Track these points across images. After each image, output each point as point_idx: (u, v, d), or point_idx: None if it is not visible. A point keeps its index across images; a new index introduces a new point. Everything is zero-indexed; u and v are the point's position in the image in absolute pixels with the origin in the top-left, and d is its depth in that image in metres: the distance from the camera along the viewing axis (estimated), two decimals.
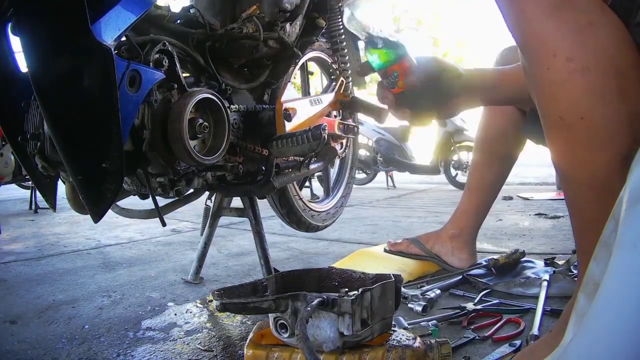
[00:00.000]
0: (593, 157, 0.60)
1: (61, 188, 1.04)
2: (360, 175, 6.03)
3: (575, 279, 1.10)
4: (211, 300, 1.26)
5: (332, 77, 1.58)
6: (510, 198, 3.68)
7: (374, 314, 0.68)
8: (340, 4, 1.46)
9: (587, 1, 0.58)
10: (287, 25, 1.27)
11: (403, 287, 1.16)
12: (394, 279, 0.74)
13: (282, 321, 0.68)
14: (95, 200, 0.83)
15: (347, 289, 0.68)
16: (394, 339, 0.70)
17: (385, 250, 1.53)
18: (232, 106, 1.12)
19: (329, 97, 1.46)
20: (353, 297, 0.65)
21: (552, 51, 0.59)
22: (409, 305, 1.12)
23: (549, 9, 0.59)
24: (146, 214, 1.13)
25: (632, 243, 0.36)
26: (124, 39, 0.87)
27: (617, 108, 0.57)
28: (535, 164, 6.88)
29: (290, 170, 1.29)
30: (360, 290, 0.67)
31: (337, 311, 0.65)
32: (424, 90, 0.89)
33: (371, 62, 0.91)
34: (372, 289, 0.68)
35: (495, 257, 1.34)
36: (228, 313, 1.12)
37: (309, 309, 0.62)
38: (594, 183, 0.61)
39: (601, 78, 0.57)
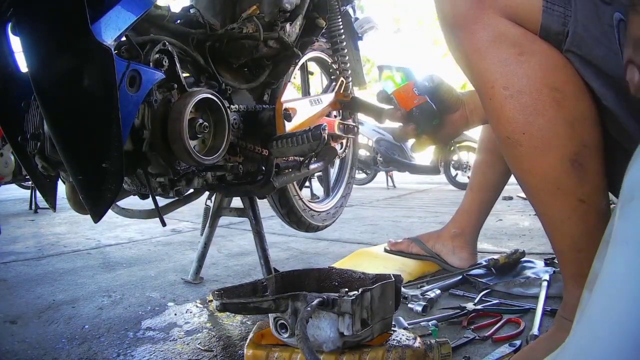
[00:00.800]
0: (541, 164, 0.69)
1: (61, 188, 1.04)
2: (360, 175, 6.03)
3: None
4: (211, 300, 1.26)
5: (332, 77, 1.58)
6: (511, 198, 3.69)
7: (374, 314, 0.68)
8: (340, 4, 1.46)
9: (516, 36, 0.67)
10: (287, 25, 1.27)
11: (403, 287, 1.16)
12: (394, 279, 0.74)
13: (282, 321, 0.68)
14: (95, 200, 0.83)
15: (347, 289, 0.68)
16: (394, 339, 0.70)
17: (386, 250, 1.53)
18: (232, 106, 1.12)
19: (329, 97, 1.46)
20: (353, 297, 0.65)
21: (490, 84, 0.69)
22: (409, 305, 1.12)
23: (483, 48, 0.68)
24: (146, 214, 1.13)
25: (625, 239, 0.36)
26: (124, 39, 0.87)
27: (553, 118, 0.66)
28: None
29: (290, 170, 1.29)
30: (360, 290, 0.67)
31: (337, 311, 0.65)
32: (427, 106, 0.97)
33: (385, 87, 1.01)
34: (372, 289, 0.68)
35: (495, 257, 1.34)
36: (228, 313, 1.12)
37: (309, 309, 0.62)
38: (547, 187, 0.70)
39: (535, 97, 0.66)
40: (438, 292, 1.18)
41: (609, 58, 0.61)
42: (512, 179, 1.41)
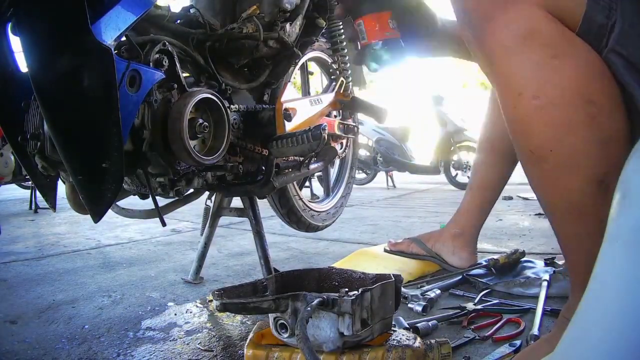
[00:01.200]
0: (565, 184, 0.62)
1: (61, 188, 1.04)
2: (360, 175, 6.03)
3: None
4: (211, 300, 1.26)
5: (332, 77, 1.58)
6: (510, 198, 3.69)
7: (374, 314, 0.68)
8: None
9: (551, 34, 0.58)
10: (287, 25, 1.27)
11: (403, 287, 1.16)
12: (394, 279, 0.74)
13: (282, 321, 0.68)
14: (95, 200, 0.83)
15: (347, 289, 0.68)
16: (394, 339, 0.70)
17: (386, 250, 1.53)
18: (232, 106, 1.11)
19: (329, 97, 1.46)
20: (353, 297, 0.65)
21: (517, 90, 0.60)
22: (409, 305, 1.12)
23: (512, 46, 0.59)
24: (146, 214, 1.13)
25: (616, 237, 0.36)
26: (124, 39, 0.87)
27: (586, 136, 0.58)
28: None
29: (290, 170, 1.29)
30: (360, 290, 0.67)
31: (337, 311, 0.65)
32: (396, 45, 0.87)
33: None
34: (372, 289, 0.68)
35: (495, 257, 1.34)
36: (228, 313, 1.12)
37: (309, 309, 0.62)
38: (569, 207, 0.64)
39: (568, 111, 0.58)
40: (438, 292, 1.18)
41: None
42: (511, 179, 1.42)
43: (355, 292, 0.67)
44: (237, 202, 1.35)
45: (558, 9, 0.58)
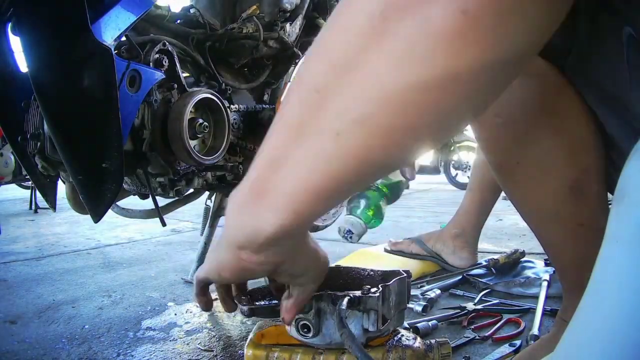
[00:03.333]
0: (536, 192, 0.65)
1: (61, 188, 1.04)
2: None
3: None
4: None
5: None
6: None
7: (392, 308, 0.68)
8: None
9: None
10: (287, 25, 1.27)
11: None
12: (405, 275, 0.75)
13: (304, 322, 0.68)
14: (95, 200, 0.83)
15: (369, 286, 0.68)
16: (394, 339, 0.70)
17: (386, 250, 1.53)
18: (232, 106, 1.12)
19: None
20: (378, 294, 0.65)
21: None
22: (409, 305, 1.12)
23: None
24: (146, 214, 1.13)
25: (616, 238, 0.36)
26: (124, 39, 0.87)
27: (551, 146, 0.61)
28: None
29: None
30: (380, 287, 0.67)
31: (362, 308, 0.65)
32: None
33: None
34: (390, 285, 0.68)
35: (495, 257, 1.34)
36: (228, 313, 1.12)
37: (343, 307, 0.62)
38: (543, 213, 0.67)
39: (530, 124, 0.61)
40: (438, 292, 1.18)
41: (614, 77, 0.53)
42: None
43: (376, 288, 0.67)
44: None
45: None
